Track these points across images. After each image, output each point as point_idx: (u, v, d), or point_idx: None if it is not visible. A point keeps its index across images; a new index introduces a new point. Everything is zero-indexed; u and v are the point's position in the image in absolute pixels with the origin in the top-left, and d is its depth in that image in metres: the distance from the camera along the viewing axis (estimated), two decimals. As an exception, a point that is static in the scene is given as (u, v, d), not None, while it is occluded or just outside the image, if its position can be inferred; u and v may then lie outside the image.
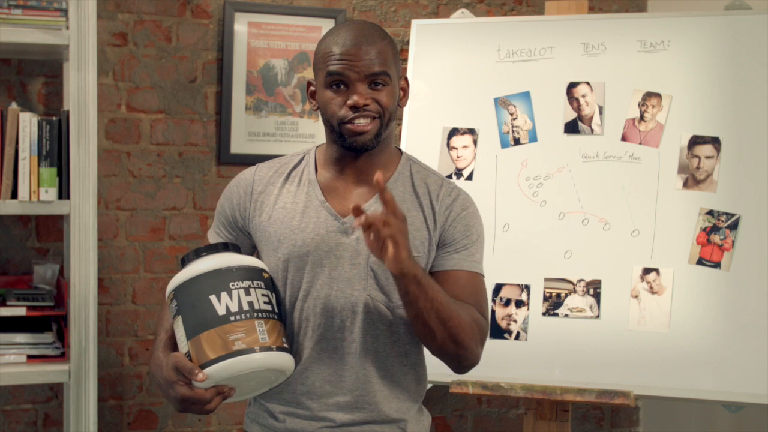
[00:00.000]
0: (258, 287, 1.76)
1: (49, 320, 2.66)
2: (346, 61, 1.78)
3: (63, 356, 2.58)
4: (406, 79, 1.90)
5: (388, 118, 1.82)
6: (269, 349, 1.70)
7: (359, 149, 1.83)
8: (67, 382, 2.53)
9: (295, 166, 1.93)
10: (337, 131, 1.82)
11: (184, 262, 1.80)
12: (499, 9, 3.43)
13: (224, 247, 1.83)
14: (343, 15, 3.20)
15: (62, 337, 2.59)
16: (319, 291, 1.83)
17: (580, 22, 2.89)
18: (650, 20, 2.85)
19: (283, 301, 1.86)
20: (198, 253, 1.79)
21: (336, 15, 3.20)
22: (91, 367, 2.53)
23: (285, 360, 1.74)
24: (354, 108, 1.78)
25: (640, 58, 2.80)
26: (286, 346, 1.75)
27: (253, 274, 1.77)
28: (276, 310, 1.78)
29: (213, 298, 1.71)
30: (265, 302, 1.75)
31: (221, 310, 1.70)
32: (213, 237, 1.95)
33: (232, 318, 1.70)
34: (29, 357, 2.55)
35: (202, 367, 1.68)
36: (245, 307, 1.72)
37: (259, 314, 1.72)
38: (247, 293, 1.73)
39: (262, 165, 1.96)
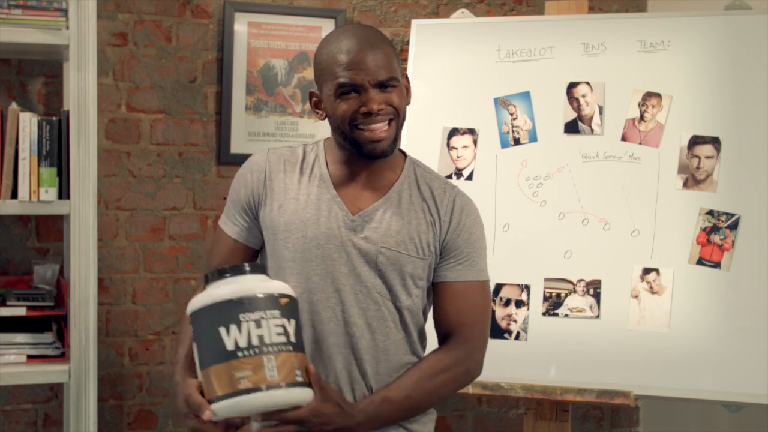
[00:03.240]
0: (271, 317, 1.67)
1: (49, 320, 2.66)
2: (355, 69, 1.77)
3: (63, 356, 2.58)
4: (406, 77, 1.89)
5: (402, 120, 1.84)
6: (277, 387, 1.64)
7: (377, 156, 1.82)
8: (67, 382, 2.53)
9: (305, 158, 1.92)
10: (350, 139, 1.81)
11: (207, 281, 1.75)
12: (499, 9, 3.43)
13: (248, 269, 1.75)
14: (343, 15, 3.20)
15: (62, 337, 2.59)
16: (329, 286, 1.84)
17: (580, 22, 2.89)
18: (650, 20, 2.85)
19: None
20: (221, 274, 1.72)
21: (336, 15, 3.20)
22: (91, 367, 2.53)
23: (295, 396, 1.67)
24: (369, 113, 1.78)
25: (640, 58, 2.80)
26: (299, 380, 1.67)
27: (268, 303, 1.69)
28: (291, 340, 1.69)
29: (222, 330, 1.65)
30: (278, 333, 1.67)
31: (230, 345, 1.65)
32: (228, 227, 1.93)
33: (239, 354, 1.64)
34: (29, 357, 2.55)
35: (211, 401, 1.65)
36: (254, 341, 1.65)
37: (269, 348, 1.65)
38: (258, 326, 1.66)
39: (272, 152, 1.94)
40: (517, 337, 2.77)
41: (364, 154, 1.82)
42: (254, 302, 1.67)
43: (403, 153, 1.96)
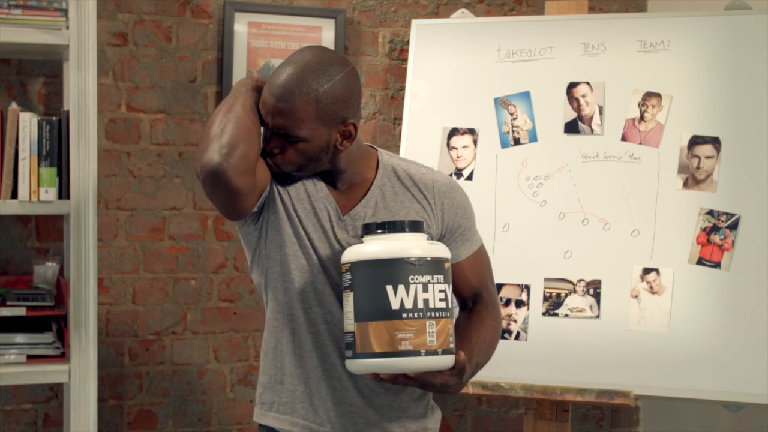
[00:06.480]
0: (437, 282, 1.71)
1: (49, 320, 2.66)
2: (265, 110, 1.78)
3: (63, 356, 2.58)
4: (354, 124, 1.82)
5: (298, 168, 1.83)
6: (434, 353, 1.69)
7: (280, 184, 1.87)
8: (67, 382, 2.53)
9: None
10: None
11: (368, 231, 1.76)
12: (499, 9, 3.43)
13: (416, 227, 1.76)
14: (343, 15, 3.20)
15: (62, 337, 2.59)
16: (327, 286, 1.85)
17: (580, 22, 2.89)
18: (650, 20, 2.85)
19: (298, 298, 1.86)
20: (386, 228, 1.74)
21: (336, 15, 3.20)
22: (91, 367, 2.53)
23: (446, 362, 1.72)
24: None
25: (640, 58, 2.80)
26: (451, 346, 1.73)
27: (435, 267, 1.72)
28: (449, 306, 1.74)
29: (389, 288, 1.68)
30: (440, 299, 1.71)
31: (395, 304, 1.68)
32: None
33: (404, 315, 1.68)
34: (29, 357, 2.55)
35: (364, 356, 1.69)
36: (420, 305, 1.69)
37: (432, 314, 1.69)
38: (425, 289, 1.70)
39: None
40: (517, 337, 2.77)
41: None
42: (424, 265, 1.70)
43: (374, 148, 1.96)
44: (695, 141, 2.73)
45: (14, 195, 2.49)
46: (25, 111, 2.52)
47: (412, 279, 1.69)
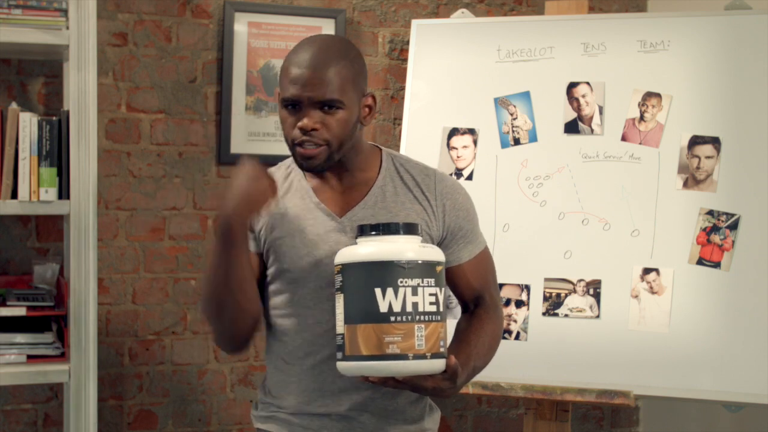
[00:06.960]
0: (428, 285, 1.70)
1: (49, 320, 2.66)
2: (299, 85, 1.77)
3: (63, 356, 2.58)
4: (373, 96, 1.87)
5: (339, 144, 1.81)
6: (422, 357, 1.67)
7: (311, 171, 1.85)
8: (67, 382, 2.53)
9: (287, 176, 1.93)
10: (292, 152, 1.84)
11: (362, 233, 1.75)
12: (499, 9, 3.43)
13: (409, 229, 1.75)
14: (343, 15, 3.20)
15: (62, 337, 2.59)
16: (325, 290, 1.84)
17: (580, 22, 2.89)
18: (650, 20, 2.85)
19: (297, 299, 1.87)
20: (378, 230, 1.73)
21: (336, 15, 3.20)
22: (91, 367, 2.53)
23: (435, 366, 1.70)
24: (303, 130, 1.78)
25: (640, 58, 2.80)
26: (441, 350, 1.71)
27: (425, 270, 1.70)
28: (440, 310, 1.72)
29: (378, 291, 1.67)
30: (430, 303, 1.70)
31: (383, 307, 1.66)
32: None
33: (392, 318, 1.66)
34: (29, 357, 2.55)
35: (352, 359, 1.68)
36: (408, 308, 1.67)
37: (421, 317, 1.68)
38: (414, 293, 1.68)
39: None
40: (517, 337, 2.77)
41: (302, 168, 1.85)
42: (414, 269, 1.69)
43: (378, 148, 1.96)
44: (695, 141, 2.73)
45: (14, 195, 2.49)
46: (25, 111, 2.52)
47: (401, 282, 1.68)
